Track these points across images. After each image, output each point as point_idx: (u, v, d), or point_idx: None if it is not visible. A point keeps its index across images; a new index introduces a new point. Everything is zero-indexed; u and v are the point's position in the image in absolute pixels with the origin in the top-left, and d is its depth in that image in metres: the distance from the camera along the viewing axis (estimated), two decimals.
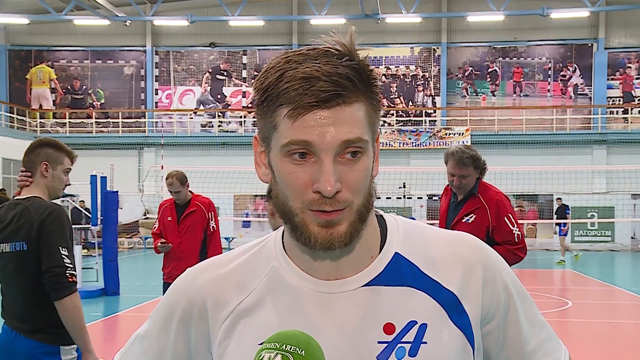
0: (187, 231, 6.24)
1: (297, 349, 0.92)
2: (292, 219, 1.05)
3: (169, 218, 6.32)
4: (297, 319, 1.08)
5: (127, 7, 27.00)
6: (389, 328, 1.06)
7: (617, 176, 23.91)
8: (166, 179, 6.29)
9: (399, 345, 1.06)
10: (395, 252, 1.12)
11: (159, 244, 6.27)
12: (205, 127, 28.59)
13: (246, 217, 26.18)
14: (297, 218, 1.04)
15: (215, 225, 6.32)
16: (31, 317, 3.19)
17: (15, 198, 3.35)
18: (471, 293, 1.11)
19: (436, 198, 21.92)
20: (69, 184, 3.44)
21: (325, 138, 0.99)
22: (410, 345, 1.06)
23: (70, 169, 3.41)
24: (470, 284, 1.11)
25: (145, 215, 23.30)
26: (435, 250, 1.13)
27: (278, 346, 0.92)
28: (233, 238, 25.34)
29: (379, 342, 1.06)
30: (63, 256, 3.11)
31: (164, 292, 6.40)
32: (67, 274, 3.10)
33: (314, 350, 0.94)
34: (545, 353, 1.19)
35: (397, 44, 28.16)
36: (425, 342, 1.06)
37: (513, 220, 4.64)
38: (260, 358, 0.92)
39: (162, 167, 20.54)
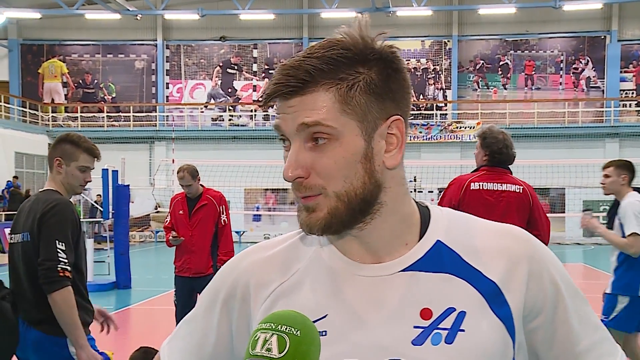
0: (199, 225, 6.25)
1: (293, 329, 0.91)
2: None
3: (181, 212, 6.33)
4: (334, 300, 1.08)
5: (138, 1, 27.06)
6: (426, 313, 1.05)
7: None
8: (177, 173, 6.30)
9: (435, 331, 1.04)
10: (437, 240, 1.11)
11: (170, 237, 6.29)
12: (216, 120, 28.62)
13: (257, 210, 26.21)
14: (297, 202, 1.09)
15: (226, 219, 6.32)
16: (35, 308, 3.19)
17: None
18: (514, 285, 1.08)
19: None
20: (89, 181, 3.39)
21: (287, 123, 1.05)
22: (447, 332, 1.04)
23: (88, 167, 3.36)
24: (514, 276, 1.08)
25: (157, 208, 23.40)
26: (479, 240, 1.11)
27: (273, 327, 0.91)
28: (244, 232, 25.38)
29: (414, 327, 1.05)
30: (58, 250, 3.09)
31: (175, 285, 6.45)
32: (59, 268, 3.07)
33: (309, 330, 0.93)
34: (599, 355, 1.14)
35: (408, 37, 28.04)
36: (463, 330, 1.05)
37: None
38: (256, 339, 0.91)
39: (173, 160, 20.62)
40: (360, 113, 1.04)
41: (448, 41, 27.94)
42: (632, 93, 27.28)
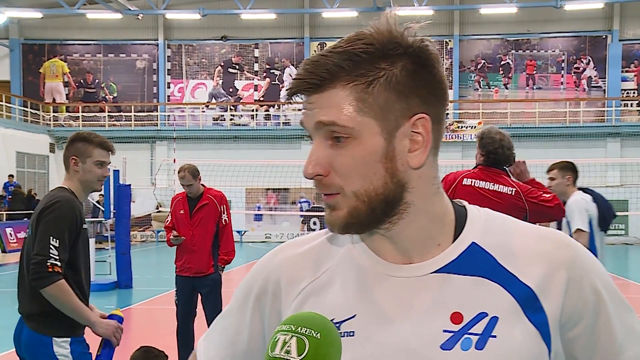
0: (200, 224, 6.26)
1: (313, 331, 0.90)
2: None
3: (182, 211, 6.34)
4: (363, 301, 1.06)
5: (139, 1, 27.06)
6: (456, 317, 1.02)
7: (631, 169, 23.73)
8: (178, 173, 6.30)
9: (466, 336, 1.01)
10: (472, 242, 1.07)
11: (171, 236, 6.30)
12: (217, 120, 28.63)
13: (258, 210, 26.21)
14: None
15: (227, 219, 6.33)
16: (29, 302, 3.22)
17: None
18: (552, 291, 1.04)
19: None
20: (107, 175, 3.43)
21: (307, 120, 1.04)
22: (477, 337, 1.01)
23: (104, 161, 3.38)
24: (552, 282, 1.04)
25: (158, 208, 23.41)
26: (517, 243, 1.07)
27: (293, 328, 0.90)
28: (245, 231, 25.38)
29: (444, 331, 1.02)
30: (51, 246, 3.10)
31: (176, 284, 6.44)
32: (48, 263, 3.08)
33: (329, 332, 0.91)
34: None
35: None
36: (495, 336, 1.01)
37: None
38: (275, 340, 0.91)
39: (174, 160, 20.62)
40: (379, 111, 1.01)
41: (449, 41, 27.93)
42: (634, 93, 27.26)
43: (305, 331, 0.90)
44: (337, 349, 0.92)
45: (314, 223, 26.21)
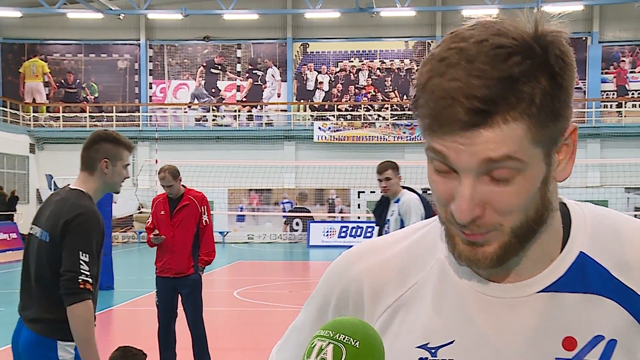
0: (180, 225, 6.25)
1: (352, 339, 0.83)
2: (441, 223, 0.94)
3: (162, 212, 6.33)
4: (461, 323, 0.94)
5: (121, 1, 26.91)
6: (569, 343, 0.90)
7: (610, 170, 23.99)
8: (159, 174, 6.29)
9: None
10: (580, 252, 0.94)
11: (152, 235, 6.28)
12: (199, 121, 28.54)
13: (240, 211, 26.17)
14: (444, 226, 0.93)
15: (208, 220, 6.33)
16: (34, 307, 3.15)
17: (68, 186, 3.31)
18: None
19: (430, 192, 21.94)
20: (128, 177, 3.38)
21: (460, 156, 0.85)
22: None
23: (129, 164, 3.34)
24: None
25: (140, 209, 23.30)
26: (630, 249, 0.93)
27: (331, 335, 0.84)
28: (227, 232, 25.33)
29: (556, 359, 0.90)
30: (81, 262, 3.04)
31: (157, 285, 6.42)
32: (80, 280, 3.02)
33: (371, 342, 0.84)
34: None
35: (392, 37, 28.15)
36: None
37: None
38: (312, 346, 0.85)
39: (156, 161, 20.54)
40: (549, 137, 0.86)
41: (432, 42, 28.05)
42: (613, 94, 27.55)
43: (344, 338, 0.84)
44: (377, 359, 0.85)
45: (297, 224, 26.22)
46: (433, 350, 0.95)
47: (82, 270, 3.04)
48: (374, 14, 26.47)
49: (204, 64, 28.89)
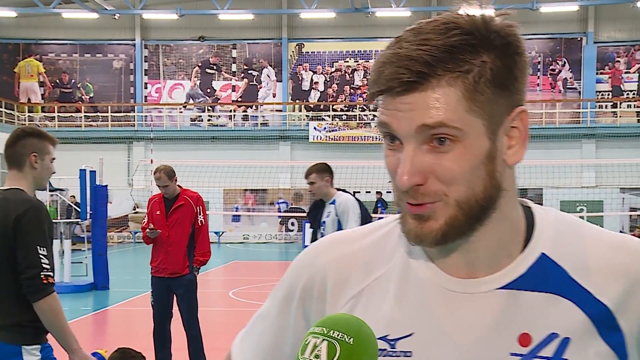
0: (175, 225, 6.26)
1: (346, 336, 0.84)
2: (396, 204, 0.97)
3: (158, 212, 6.33)
4: (421, 316, 0.96)
5: (116, 1, 26.86)
6: (524, 339, 0.93)
7: (606, 170, 24.04)
8: (154, 174, 6.29)
9: (535, 359, 0.92)
10: (542, 253, 0.97)
11: (147, 230, 6.28)
12: (194, 121, 28.51)
13: (236, 211, 26.15)
14: (399, 207, 0.96)
15: (203, 220, 6.33)
16: None
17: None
18: (631, 309, 0.94)
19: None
20: (55, 172, 3.34)
21: (400, 123, 0.90)
22: None
23: (55, 157, 3.29)
24: (631, 299, 0.94)
25: (135, 209, 23.25)
26: (591, 254, 0.96)
27: (325, 331, 0.84)
28: (223, 232, 25.32)
29: (511, 354, 0.92)
30: (40, 256, 2.99)
31: (152, 285, 6.41)
32: (42, 276, 2.98)
33: (364, 338, 0.85)
34: None
35: (387, 37, 28.08)
36: (566, 359, 0.92)
37: None
38: (306, 343, 0.85)
39: (151, 161, 20.49)
40: (488, 109, 0.90)
41: None
42: (608, 94, 27.61)
43: (338, 335, 0.84)
44: (371, 356, 0.85)
45: (292, 224, 26.21)
46: (392, 342, 0.97)
47: (43, 265, 3.00)
48: (369, 14, 26.49)
49: (199, 64, 28.86)
